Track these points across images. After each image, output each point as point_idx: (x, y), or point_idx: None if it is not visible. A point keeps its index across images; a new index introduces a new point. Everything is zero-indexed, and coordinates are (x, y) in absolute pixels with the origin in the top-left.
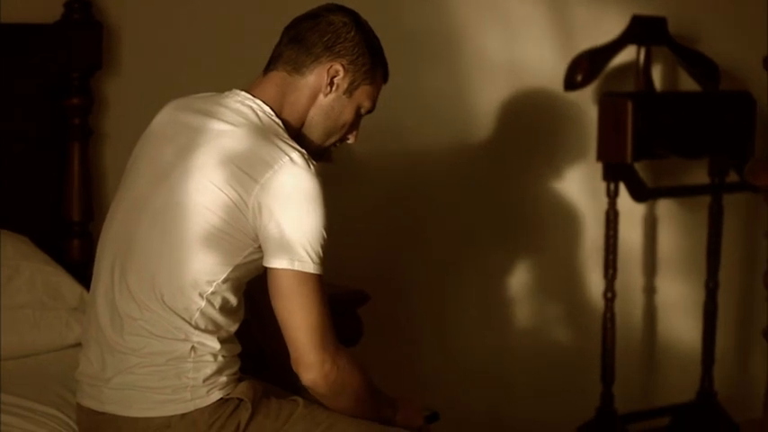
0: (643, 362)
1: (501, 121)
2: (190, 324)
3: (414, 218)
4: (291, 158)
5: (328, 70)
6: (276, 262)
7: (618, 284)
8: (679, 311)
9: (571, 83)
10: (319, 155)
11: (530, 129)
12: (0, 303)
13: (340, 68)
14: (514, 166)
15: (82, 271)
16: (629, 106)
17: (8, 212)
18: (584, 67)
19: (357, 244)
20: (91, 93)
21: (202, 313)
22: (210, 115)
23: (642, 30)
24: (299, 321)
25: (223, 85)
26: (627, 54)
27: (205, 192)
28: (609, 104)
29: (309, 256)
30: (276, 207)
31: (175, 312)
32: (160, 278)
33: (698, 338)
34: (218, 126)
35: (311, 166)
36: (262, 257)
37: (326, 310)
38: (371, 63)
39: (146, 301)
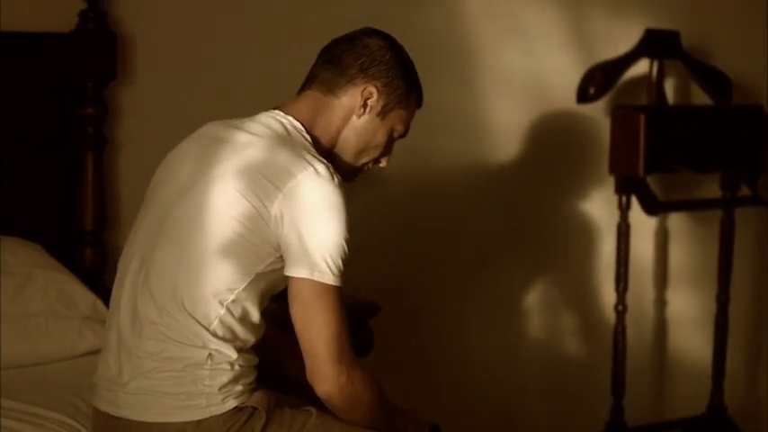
0: (653, 375)
1: (514, 134)
2: (208, 331)
3: (427, 230)
4: (316, 169)
5: (362, 92)
6: (296, 271)
7: (629, 297)
8: (690, 325)
9: (584, 95)
10: (350, 176)
11: (543, 141)
12: (1, 311)
13: (374, 90)
14: (527, 178)
15: (95, 279)
16: (642, 119)
17: (22, 220)
18: (597, 79)
19: (370, 255)
20: (105, 102)
21: (221, 321)
22: (237, 128)
23: (655, 43)
24: (317, 333)
25: (236, 95)
26: (640, 67)
27: (228, 200)
28: (621, 117)
29: (329, 267)
30: (299, 217)
31: (195, 318)
32: (181, 283)
33: (709, 352)
34: (243, 137)
35: (335, 179)
36: (283, 268)
37: (345, 322)
38: (406, 87)
39: (166, 306)
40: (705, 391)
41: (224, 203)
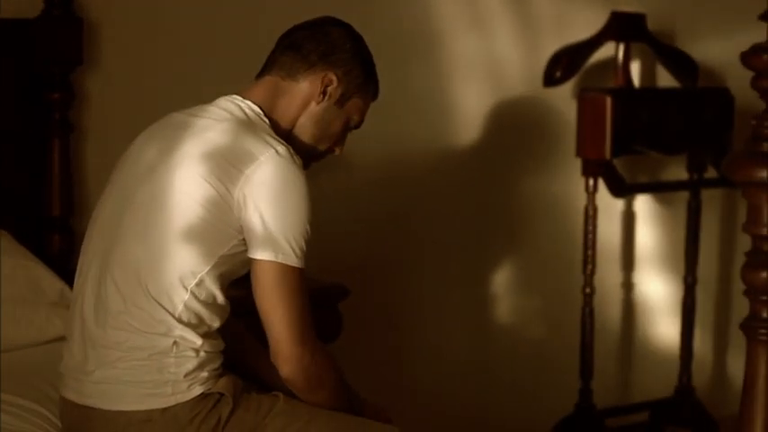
0: (621, 357)
1: (481, 119)
2: (173, 317)
3: (395, 213)
4: (277, 151)
5: (323, 79)
6: (260, 254)
7: (596, 280)
8: (657, 307)
9: (550, 79)
10: (304, 163)
11: (509, 125)
12: (0, 298)
13: (334, 78)
14: (494, 162)
15: (62, 266)
16: (608, 102)
17: None
18: (564, 63)
19: (338, 238)
20: (71, 88)
21: (186, 306)
22: (196, 114)
23: (621, 26)
24: (280, 314)
25: (203, 81)
26: (606, 50)
27: (190, 183)
28: (588, 100)
29: (293, 249)
30: (261, 199)
31: (160, 304)
32: (145, 270)
33: (676, 334)
34: (203, 122)
35: (296, 160)
36: (246, 251)
37: (307, 304)
38: (365, 77)
39: (130, 294)
40: (673, 374)
41: (186, 187)
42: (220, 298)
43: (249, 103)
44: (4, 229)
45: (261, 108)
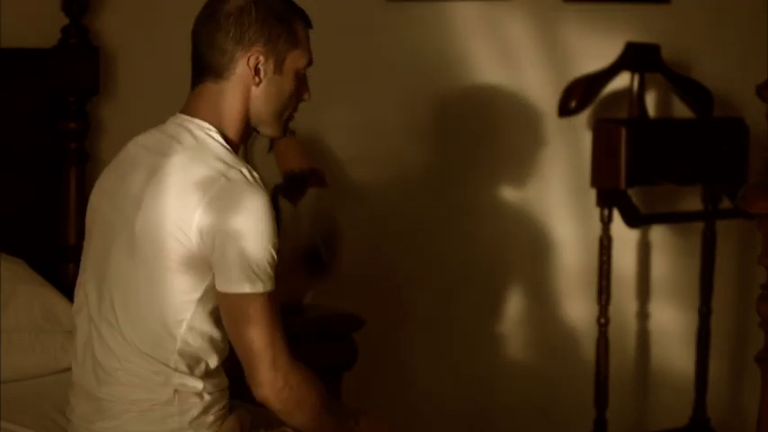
0: (636, 387)
1: (495, 148)
2: (168, 366)
3: (410, 243)
4: (228, 177)
5: (248, 62)
6: (224, 286)
7: (611, 310)
8: (672, 337)
9: (565, 109)
10: (282, 131)
11: (524, 155)
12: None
13: (258, 55)
14: (509, 192)
15: None
16: (623, 133)
17: (4, 235)
18: (579, 93)
19: (353, 268)
20: (87, 117)
21: (180, 353)
22: (155, 151)
23: (636, 57)
24: (249, 341)
25: None
26: (621, 81)
27: (158, 230)
28: (603, 131)
29: (258, 276)
30: (219, 231)
31: (152, 357)
32: (130, 328)
33: (691, 364)
34: (161, 161)
35: (251, 181)
36: None
37: (278, 327)
38: (286, 29)
39: (121, 351)
40: (688, 403)
41: (154, 235)
42: (216, 333)
43: (197, 122)
44: (19, 258)
45: (210, 123)
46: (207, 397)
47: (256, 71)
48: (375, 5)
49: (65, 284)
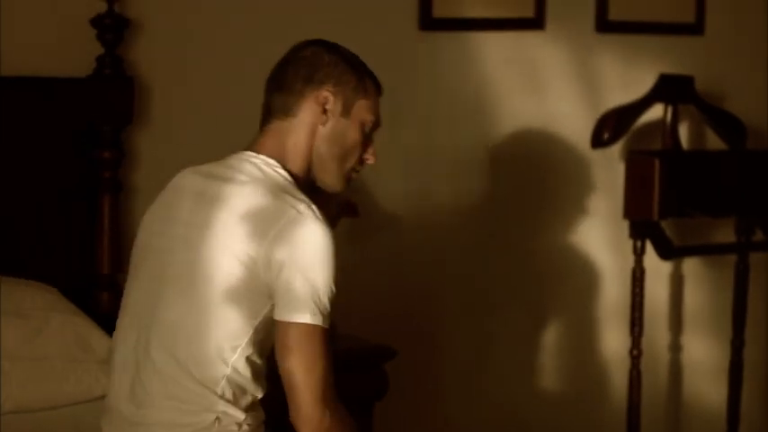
0: (668, 419)
1: (529, 178)
2: (215, 394)
3: (442, 275)
4: (298, 210)
5: (317, 100)
6: (284, 315)
7: (644, 342)
8: (704, 369)
9: (598, 140)
10: (341, 185)
11: (557, 186)
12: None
13: (327, 94)
14: (542, 222)
15: (111, 323)
16: (656, 164)
17: (38, 264)
18: (612, 125)
19: (384, 299)
20: (122, 147)
21: (228, 380)
22: (215, 177)
23: (669, 88)
24: (303, 375)
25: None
26: (654, 112)
27: (220, 255)
28: (636, 162)
29: (319, 309)
30: (285, 261)
31: (201, 383)
32: (183, 348)
33: (723, 397)
34: (224, 188)
35: (318, 217)
36: None
37: (330, 364)
38: (357, 77)
39: (170, 373)
40: None
41: (216, 260)
42: (262, 365)
43: (263, 157)
44: (53, 286)
45: (276, 159)
46: (246, 428)
47: (324, 110)
48: (408, 34)
49: (98, 313)
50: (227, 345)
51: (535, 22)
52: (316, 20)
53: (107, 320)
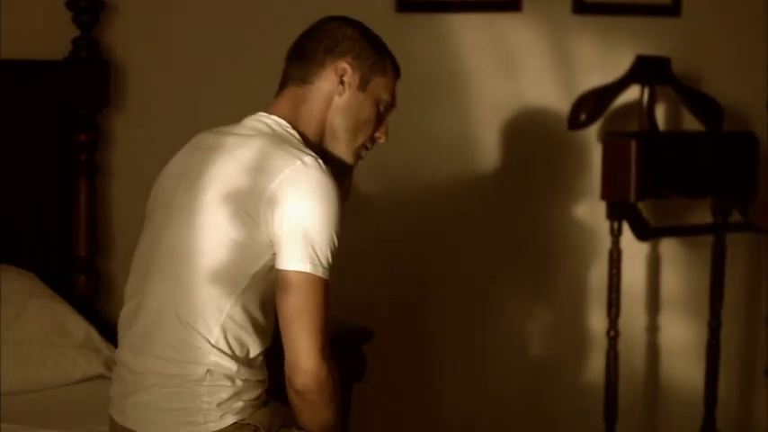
0: (646, 401)
1: (506, 160)
2: (209, 342)
3: (420, 256)
4: (303, 161)
5: (336, 70)
6: (287, 263)
7: (621, 323)
8: (682, 350)
9: (575, 122)
10: (353, 159)
11: (534, 167)
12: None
13: (346, 66)
14: (519, 204)
15: (88, 307)
16: (633, 146)
17: (15, 248)
18: (589, 106)
19: (364, 280)
20: (98, 129)
21: (224, 329)
22: (225, 133)
23: (646, 70)
24: (304, 326)
25: (230, 121)
26: (631, 94)
27: (221, 204)
28: (613, 144)
29: (320, 260)
30: (288, 209)
31: (194, 329)
32: (178, 294)
33: (700, 377)
34: (232, 139)
35: (325, 170)
36: None
37: (328, 318)
38: (376, 55)
39: (164, 320)
40: (697, 416)
41: (216, 209)
42: (261, 319)
43: (275, 117)
44: (30, 270)
45: (287, 120)
46: (239, 382)
47: (341, 81)
48: (384, 16)
49: (75, 296)
50: (224, 290)
51: (512, 4)
52: (292, 1)
53: (84, 304)
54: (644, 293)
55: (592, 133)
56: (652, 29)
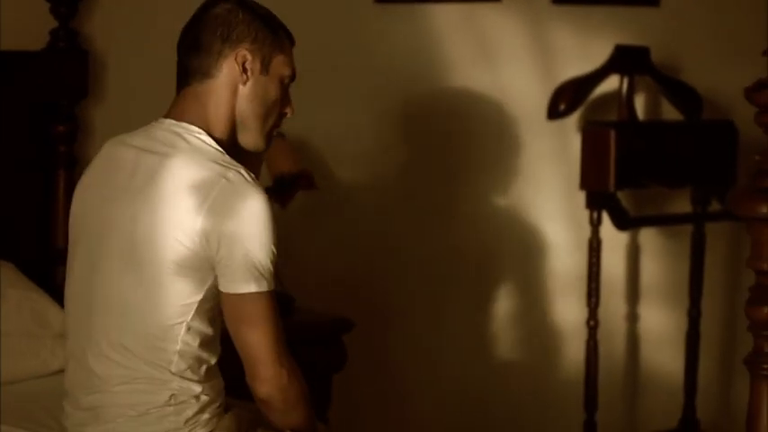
0: (626, 390)
1: (485, 150)
2: (169, 371)
3: (399, 246)
4: (227, 179)
5: (236, 59)
6: (229, 287)
7: (600, 313)
8: (662, 339)
9: (554, 112)
10: (266, 143)
11: (513, 157)
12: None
13: (246, 53)
14: (498, 194)
15: None
16: (612, 135)
17: None
18: (568, 96)
19: (342, 271)
20: (76, 120)
21: (181, 355)
22: (146, 151)
23: (625, 59)
24: (257, 338)
25: None
26: (610, 83)
27: (152, 231)
28: (592, 133)
29: (262, 274)
30: (222, 233)
31: (153, 362)
32: (130, 334)
33: (680, 366)
34: (149, 160)
35: (249, 180)
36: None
37: (280, 325)
38: (272, 33)
39: (121, 360)
40: (677, 405)
41: (155, 236)
42: (211, 332)
43: (185, 125)
44: (8, 261)
45: (198, 125)
46: (203, 398)
47: (244, 69)
48: (363, 7)
49: (54, 287)
50: (175, 321)
51: None
52: None
53: (63, 295)
54: (624, 283)
55: (571, 123)
56: (631, 19)
